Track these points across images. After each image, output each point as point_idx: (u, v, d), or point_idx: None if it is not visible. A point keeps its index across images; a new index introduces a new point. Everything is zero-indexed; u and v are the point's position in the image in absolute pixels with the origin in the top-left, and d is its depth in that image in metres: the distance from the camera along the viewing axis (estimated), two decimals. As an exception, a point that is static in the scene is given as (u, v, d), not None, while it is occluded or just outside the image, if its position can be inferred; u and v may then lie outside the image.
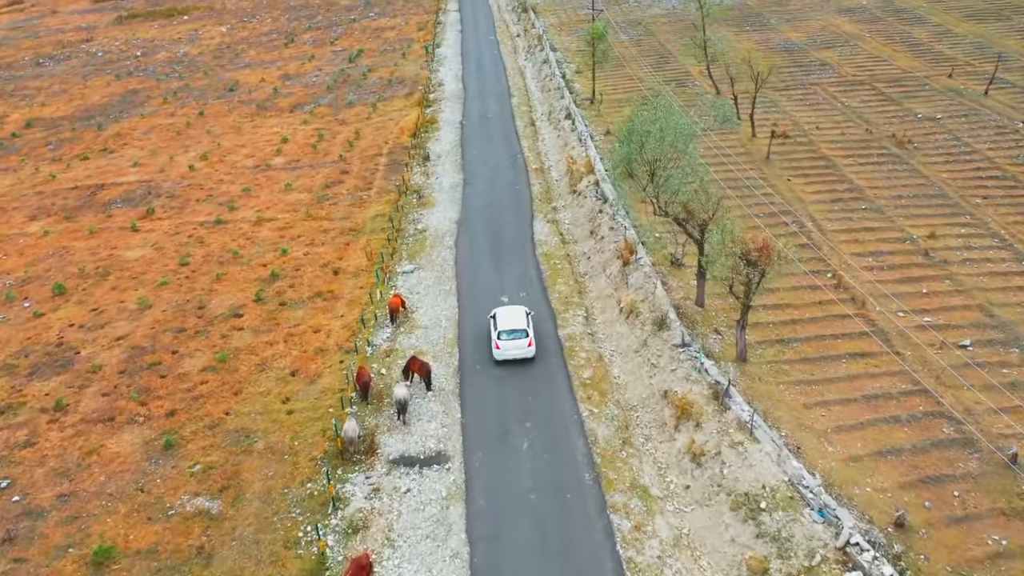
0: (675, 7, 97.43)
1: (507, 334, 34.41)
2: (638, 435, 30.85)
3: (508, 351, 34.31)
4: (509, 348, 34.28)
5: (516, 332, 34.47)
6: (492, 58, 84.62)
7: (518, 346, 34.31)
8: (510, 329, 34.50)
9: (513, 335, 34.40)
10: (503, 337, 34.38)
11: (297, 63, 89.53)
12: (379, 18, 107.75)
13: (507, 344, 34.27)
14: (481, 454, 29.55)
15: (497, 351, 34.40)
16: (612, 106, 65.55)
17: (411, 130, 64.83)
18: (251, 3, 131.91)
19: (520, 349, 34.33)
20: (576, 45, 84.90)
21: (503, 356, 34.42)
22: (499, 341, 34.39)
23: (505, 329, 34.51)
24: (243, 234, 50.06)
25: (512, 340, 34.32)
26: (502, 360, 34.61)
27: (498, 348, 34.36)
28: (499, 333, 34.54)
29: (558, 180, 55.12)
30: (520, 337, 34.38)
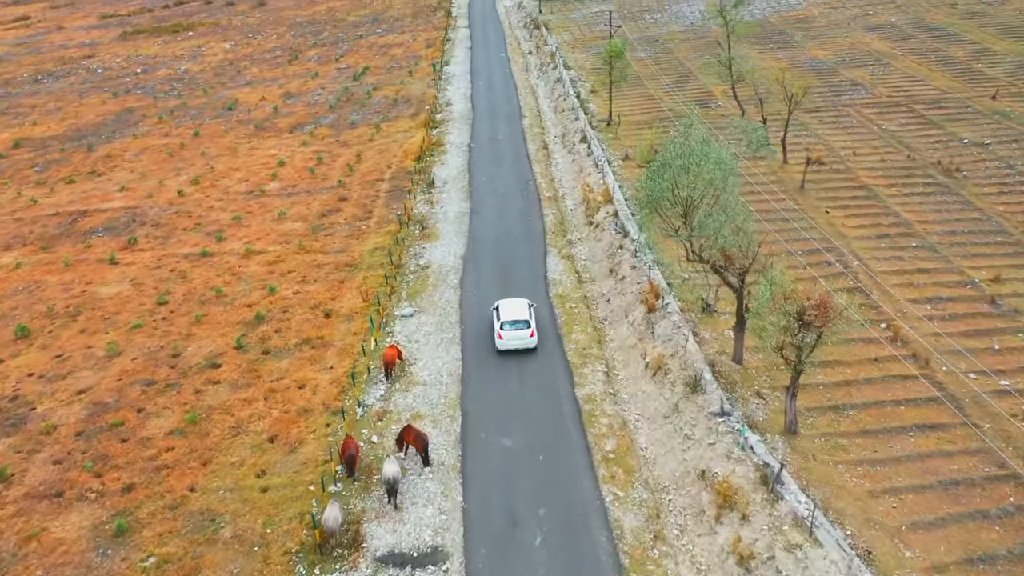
0: (693, 24, 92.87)
1: (510, 324, 34.66)
2: (672, 525, 25.84)
3: (510, 341, 34.53)
4: (511, 338, 34.52)
5: (518, 323, 34.67)
6: (503, 76, 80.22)
7: (520, 336, 34.50)
8: (512, 320, 34.76)
9: (515, 326, 34.59)
10: (506, 328, 34.61)
11: (300, 81, 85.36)
12: (386, 35, 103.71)
13: (509, 334, 34.52)
14: (485, 551, 24.59)
15: (500, 341, 34.60)
16: (630, 128, 60.86)
17: (416, 153, 60.29)
18: (257, 19, 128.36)
19: (522, 340, 34.54)
20: (591, 63, 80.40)
21: (505, 346, 34.62)
22: (502, 332, 34.61)
23: (508, 320, 34.78)
24: (229, 269, 45.45)
25: (514, 331, 34.51)
26: (504, 350, 34.81)
27: (500, 338, 34.59)
28: (502, 324, 34.74)
29: (573, 209, 50.35)
30: (522, 328, 34.58)
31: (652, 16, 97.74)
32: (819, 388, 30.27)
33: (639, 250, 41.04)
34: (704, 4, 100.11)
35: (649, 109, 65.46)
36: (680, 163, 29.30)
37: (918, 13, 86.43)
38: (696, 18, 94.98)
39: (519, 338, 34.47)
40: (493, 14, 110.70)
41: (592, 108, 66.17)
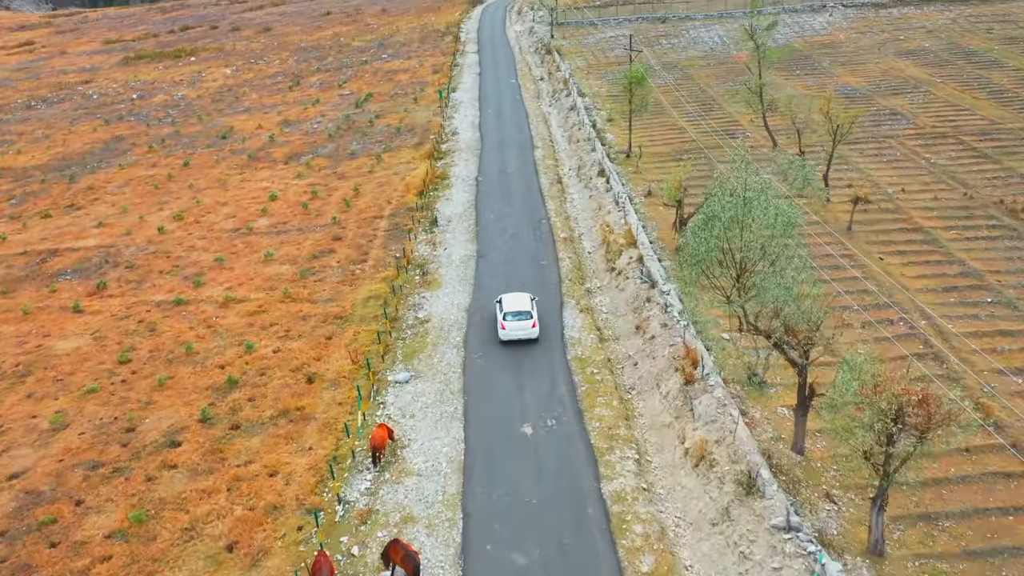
0: (713, 49, 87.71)
1: (512, 315, 34.82)
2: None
3: (513, 332, 34.72)
4: (514, 329, 34.70)
5: (521, 314, 34.88)
6: (513, 103, 75.03)
7: (522, 327, 34.75)
8: (515, 311, 34.94)
9: (518, 316, 34.81)
10: (508, 318, 34.78)
11: (299, 108, 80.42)
12: (392, 60, 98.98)
13: (512, 325, 34.70)
14: None
15: (502, 331, 34.78)
16: (652, 161, 55.35)
17: (418, 187, 54.87)
18: (262, 44, 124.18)
19: (524, 330, 34.76)
20: (607, 90, 75.18)
21: (507, 337, 34.81)
22: (504, 322, 34.75)
23: (511, 311, 34.98)
24: (204, 320, 39.90)
25: (517, 321, 34.75)
26: (507, 341, 35.01)
27: (503, 328, 34.75)
28: (504, 315, 34.97)
29: (591, 253, 44.69)
30: (524, 318, 34.82)
31: (669, 41, 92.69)
32: (902, 488, 24.31)
33: (670, 304, 35.31)
34: (724, 29, 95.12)
35: (672, 139, 59.99)
36: (731, 215, 23.61)
37: (952, 38, 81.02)
38: (716, 43, 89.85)
39: (521, 328, 34.72)
40: (503, 39, 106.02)
41: (609, 138, 60.74)
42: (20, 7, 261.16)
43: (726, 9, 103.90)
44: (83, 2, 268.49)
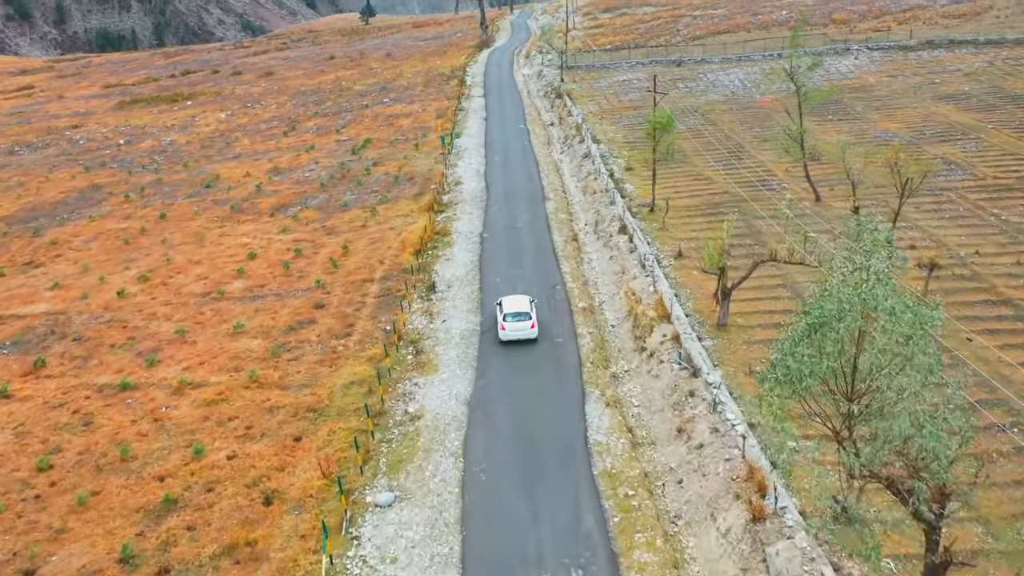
0: (735, 93, 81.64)
1: (512, 316, 35.15)
2: None
3: (512, 332, 34.99)
4: (513, 330, 34.99)
5: (520, 315, 35.16)
6: (521, 150, 68.67)
7: (522, 327, 35.04)
8: (515, 312, 35.29)
9: (517, 317, 35.09)
10: (508, 319, 35.08)
11: (292, 154, 74.22)
12: (394, 104, 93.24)
13: (512, 325, 34.98)
14: None
15: (502, 332, 35.05)
16: (679, 216, 48.53)
17: (415, 245, 48.04)
18: (261, 88, 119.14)
19: (523, 331, 35.09)
20: (623, 136, 68.87)
21: (507, 337, 35.09)
22: (504, 323, 35.05)
23: (510, 312, 35.33)
24: (152, 411, 32.74)
25: (516, 322, 35.04)
26: (507, 340, 35.16)
27: (503, 329, 35.02)
28: (504, 315, 35.28)
29: (616, 326, 37.55)
30: (524, 319, 35.11)
31: (686, 85, 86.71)
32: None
33: (720, 402, 28.06)
34: (743, 73, 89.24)
35: (699, 191, 53.27)
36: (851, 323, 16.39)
37: (994, 81, 74.75)
38: (737, 87, 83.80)
39: (520, 329, 35.08)
40: (510, 83, 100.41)
41: (629, 189, 54.05)
42: (28, 52, 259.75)
43: (744, 52, 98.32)
44: (91, 47, 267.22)
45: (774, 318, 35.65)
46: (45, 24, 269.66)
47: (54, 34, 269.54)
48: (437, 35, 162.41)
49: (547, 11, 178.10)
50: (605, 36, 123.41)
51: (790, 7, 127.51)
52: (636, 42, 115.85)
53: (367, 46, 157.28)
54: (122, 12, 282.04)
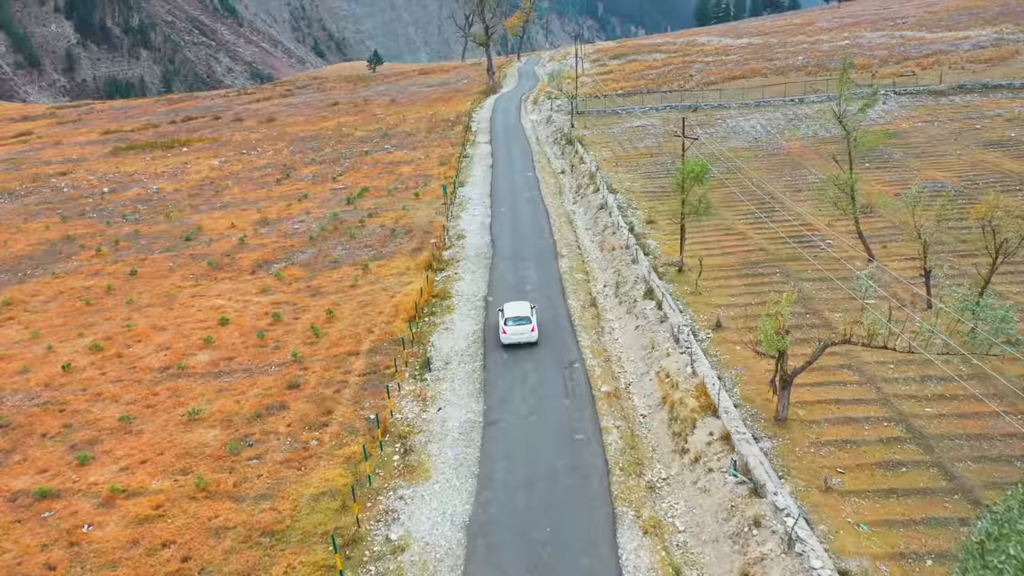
0: (757, 139, 75.76)
1: (513, 321, 36.25)
2: None
3: (513, 336, 35.90)
4: (514, 334, 35.92)
5: (521, 319, 36.29)
6: (530, 201, 62.49)
7: (522, 331, 35.98)
8: (516, 316, 36.41)
9: (518, 322, 36.19)
10: (509, 323, 36.19)
11: (283, 204, 68.22)
12: (395, 151, 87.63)
13: (513, 329, 35.98)
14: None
15: (504, 335, 36.02)
16: (713, 278, 41.92)
17: (409, 311, 41.43)
18: (260, 134, 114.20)
19: (524, 335, 35.95)
20: (641, 185, 62.73)
21: (508, 340, 36.00)
22: (506, 327, 36.13)
23: (511, 316, 36.47)
24: (70, 530, 25.82)
25: (517, 326, 36.05)
26: (509, 344, 35.97)
27: (505, 333, 36.04)
28: (506, 320, 36.45)
29: (647, 417, 30.67)
30: (524, 323, 36.15)
31: (704, 131, 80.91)
32: None
33: (798, 540, 21.04)
34: (764, 119, 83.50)
35: (732, 248, 46.78)
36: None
37: (1041, 127, 68.72)
38: (759, 133, 77.97)
39: (521, 333, 35.95)
40: (518, 128, 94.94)
41: (652, 246, 47.59)
42: (37, 99, 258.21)
43: (763, 97, 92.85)
44: (100, 95, 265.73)
45: (843, 410, 28.84)
46: (54, 72, 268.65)
47: (63, 82, 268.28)
48: (443, 81, 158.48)
49: (554, 58, 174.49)
50: (616, 82, 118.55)
51: (806, 52, 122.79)
52: (648, 88, 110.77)
53: (371, 92, 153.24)
54: (131, 60, 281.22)
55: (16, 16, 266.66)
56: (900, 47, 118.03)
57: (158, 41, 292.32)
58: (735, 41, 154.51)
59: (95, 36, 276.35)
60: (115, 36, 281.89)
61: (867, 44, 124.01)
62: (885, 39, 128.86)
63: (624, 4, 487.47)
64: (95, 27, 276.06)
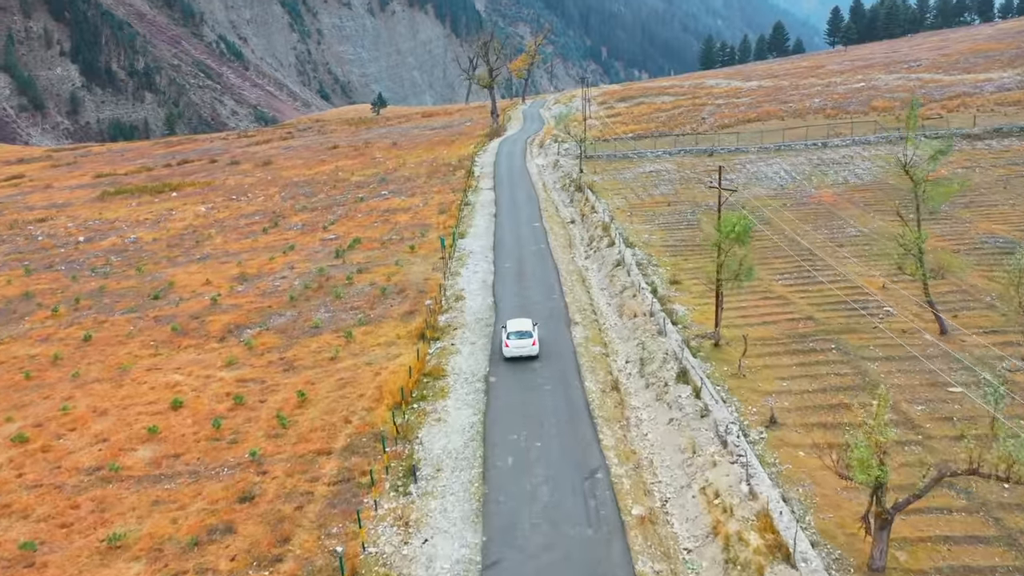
0: (783, 187, 69.38)
1: (515, 335, 36.91)
2: None
3: (515, 350, 36.62)
4: (516, 347, 36.64)
5: (523, 334, 36.91)
6: (537, 255, 55.79)
7: (523, 344, 36.64)
8: (518, 331, 37.06)
9: (520, 336, 36.82)
10: (512, 338, 36.88)
11: (266, 256, 61.62)
12: (392, 197, 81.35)
13: (515, 343, 36.70)
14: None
15: (506, 349, 36.78)
16: (758, 354, 34.88)
17: (395, 395, 34.37)
18: (255, 178, 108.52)
19: (525, 348, 36.64)
20: (659, 238, 56.10)
21: (510, 354, 36.69)
22: (508, 341, 36.87)
23: (514, 331, 37.13)
24: None
25: (519, 340, 36.71)
26: (511, 357, 36.59)
27: (507, 347, 36.75)
28: (508, 335, 37.17)
29: (695, 552, 23.40)
30: (526, 338, 36.81)
31: (724, 177, 74.52)
32: None
33: None
34: (788, 164, 77.22)
35: (774, 315, 39.87)
36: None
37: (1097, 174, 62.21)
38: (785, 180, 71.58)
39: (523, 346, 36.60)
40: (523, 173, 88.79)
41: (680, 312, 40.71)
42: (39, 142, 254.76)
43: (783, 141, 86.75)
44: (103, 137, 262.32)
45: (956, 554, 21.63)
46: (58, 114, 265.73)
47: (66, 124, 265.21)
48: (446, 124, 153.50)
49: (560, 101, 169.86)
50: (624, 124, 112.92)
51: (821, 95, 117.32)
52: (659, 131, 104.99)
53: (372, 135, 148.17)
54: (136, 103, 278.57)
55: (22, 59, 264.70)
56: (920, 89, 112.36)
57: (163, 84, 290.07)
58: (744, 83, 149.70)
59: (100, 79, 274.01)
60: (120, 79, 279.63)
61: (884, 87, 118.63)
62: (902, 81, 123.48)
63: (627, 49, 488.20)
64: (100, 70, 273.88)
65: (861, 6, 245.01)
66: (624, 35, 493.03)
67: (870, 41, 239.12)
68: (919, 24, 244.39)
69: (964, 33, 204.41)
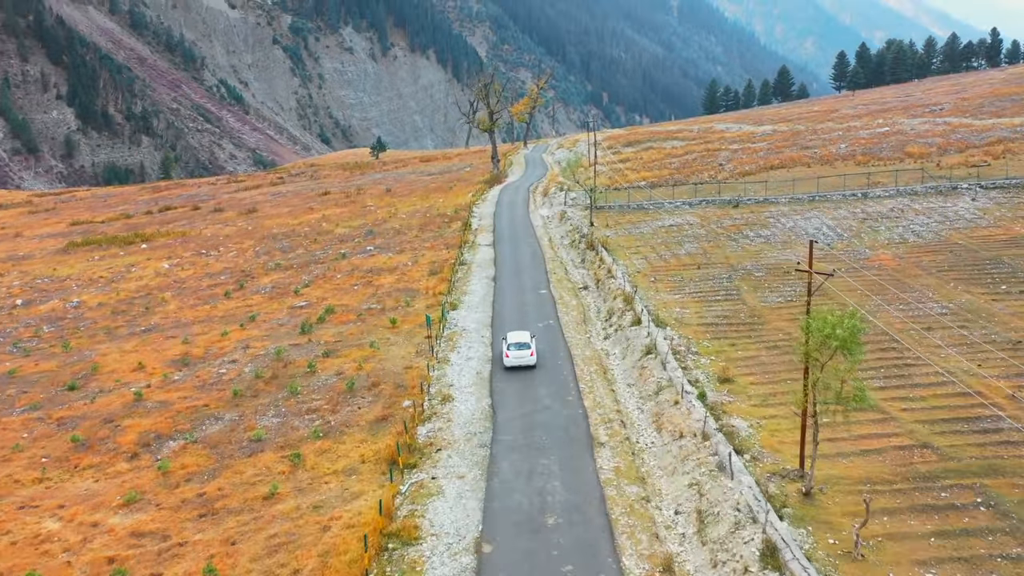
0: (830, 245, 58.55)
1: (515, 346, 38.80)
2: None
3: (514, 360, 38.47)
4: (515, 357, 38.49)
5: (522, 345, 38.86)
6: (546, 333, 44.70)
7: (522, 355, 38.54)
8: (517, 343, 38.95)
9: (520, 347, 38.75)
10: (511, 349, 38.76)
11: (220, 331, 50.60)
12: (378, 253, 70.66)
13: (514, 353, 38.57)
14: None
15: (506, 359, 38.62)
16: (870, 511, 23.48)
17: (346, 572, 22.96)
18: (235, 228, 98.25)
19: (524, 359, 38.54)
20: (694, 312, 45.05)
21: (510, 364, 38.55)
22: (508, 352, 38.72)
23: (513, 343, 38.98)
24: None
25: (518, 351, 38.62)
26: (511, 367, 38.53)
27: (507, 357, 38.59)
28: (508, 346, 39.00)
29: None
30: (524, 348, 38.74)
31: (756, 233, 64.01)
32: None
33: None
34: (829, 218, 66.63)
35: (874, 439, 28.66)
36: None
37: None
38: (829, 236, 60.82)
39: (521, 357, 38.51)
40: (526, 226, 78.28)
41: (741, 429, 29.51)
42: (32, 186, 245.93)
43: (816, 191, 76.37)
44: (97, 181, 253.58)
45: None
46: (52, 158, 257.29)
47: (60, 168, 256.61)
48: (444, 169, 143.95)
49: (563, 145, 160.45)
50: (635, 171, 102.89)
51: (845, 140, 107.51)
52: (674, 177, 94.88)
53: (366, 181, 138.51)
54: (132, 147, 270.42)
55: (17, 103, 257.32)
56: (953, 134, 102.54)
57: (160, 127, 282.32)
58: (757, 128, 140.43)
59: (96, 122, 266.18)
60: (117, 122, 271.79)
61: (912, 132, 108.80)
62: (928, 126, 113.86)
63: (628, 94, 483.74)
64: (97, 113, 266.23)
65: (867, 51, 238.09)
66: (625, 80, 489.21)
67: (877, 86, 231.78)
68: (926, 69, 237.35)
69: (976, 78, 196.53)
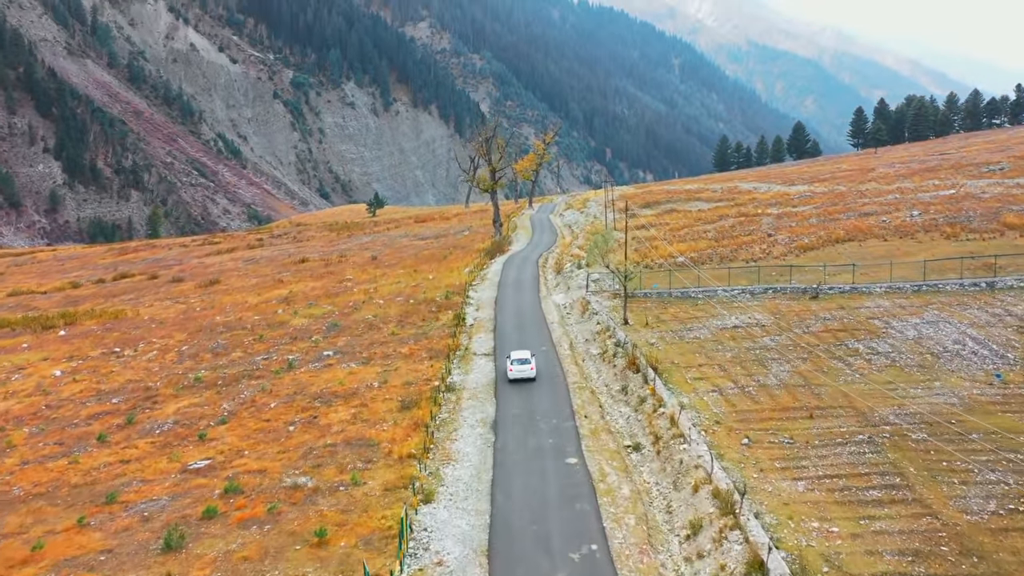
0: (999, 376, 38.30)
1: (517, 362, 42.77)
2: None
3: (517, 373, 42.37)
4: (518, 371, 42.44)
5: (523, 360, 42.88)
6: (584, 564, 24.10)
7: (523, 369, 42.47)
8: (519, 359, 42.92)
9: (521, 362, 42.71)
10: (514, 364, 42.76)
11: (37, 530, 30.00)
12: (337, 364, 50.22)
13: (517, 368, 42.51)
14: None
15: (510, 372, 42.59)
16: None
17: None
18: (177, 311, 78.30)
19: (525, 372, 42.42)
20: (861, 543, 24.36)
21: (513, 376, 42.42)
22: (511, 366, 42.70)
23: (516, 359, 42.95)
24: None
25: (520, 365, 42.56)
26: (513, 379, 42.32)
27: (511, 371, 42.56)
28: (512, 361, 42.94)
29: None
30: (526, 363, 42.71)
31: (866, 349, 43.85)
32: None
33: None
34: (965, 322, 46.53)
35: None
36: None
37: None
38: (991, 360, 40.31)
39: (523, 371, 42.33)
40: (537, 322, 57.98)
41: None
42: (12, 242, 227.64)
43: (924, 280, 56.49)
44: (82, 237, 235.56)
45: None
46: (35, 213, 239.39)
47: (43, 223, 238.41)
48: (440, 232, 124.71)
49: (572, 205, 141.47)
50: (667, 242, 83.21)
51: (907, 203, 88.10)
52: (717, 251, 75.20)
53: (352, 245, 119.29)
54: (120, 201, 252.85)
55: (2, 156, 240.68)
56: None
57: (152, 181, 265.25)
58: (790, 188, 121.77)
59: (84, 176, 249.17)
60: (105, 176, 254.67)
61: (988, 196, 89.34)
62: (1002, 188, 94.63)
63: (631, 150, 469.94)
64: (84, 167, 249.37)
65: (886, 107, 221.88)
66: (628, 136, 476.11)
67: (896, 143, 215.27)
68: (947, 127, 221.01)
69: (1009, 135, 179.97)
